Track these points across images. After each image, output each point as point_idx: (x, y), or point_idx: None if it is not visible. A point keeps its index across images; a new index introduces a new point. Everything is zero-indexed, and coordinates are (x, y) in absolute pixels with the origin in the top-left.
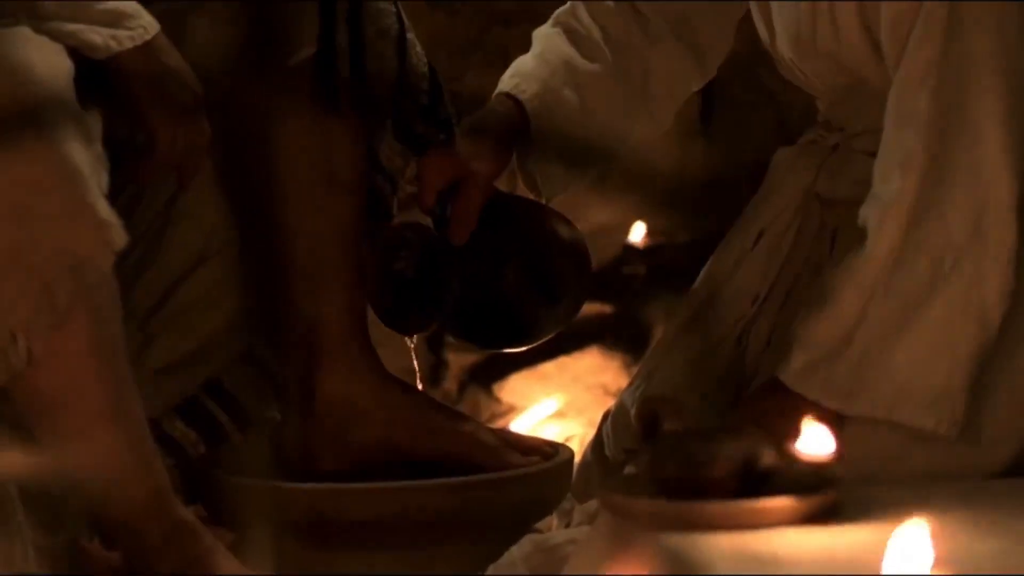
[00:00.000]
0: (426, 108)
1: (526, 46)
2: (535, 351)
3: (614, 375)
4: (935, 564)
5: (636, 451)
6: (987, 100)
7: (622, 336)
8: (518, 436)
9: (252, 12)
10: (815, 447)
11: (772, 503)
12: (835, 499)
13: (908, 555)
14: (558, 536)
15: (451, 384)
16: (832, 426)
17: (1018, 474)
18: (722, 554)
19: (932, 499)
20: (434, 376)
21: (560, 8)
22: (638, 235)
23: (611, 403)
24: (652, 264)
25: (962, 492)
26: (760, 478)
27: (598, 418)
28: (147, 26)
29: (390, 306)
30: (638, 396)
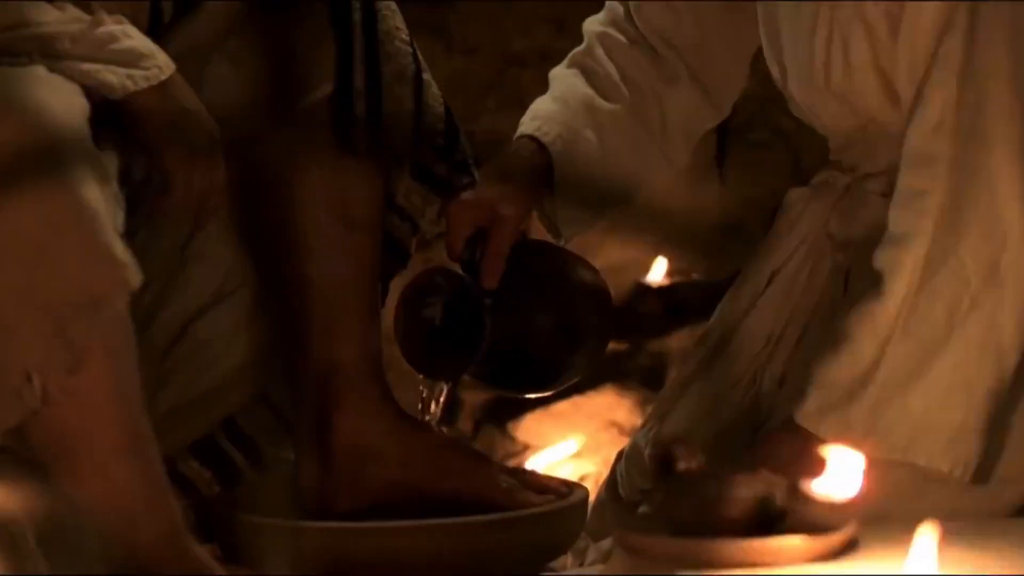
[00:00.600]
0: (442, 149)
1: (541, 88)
2: None
3: (628, 414)
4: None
5: (650, 491)
6: (1002, 143)
7: (636, 375)
8: (533, 475)
9: (268, 52)
10: (840, 483)
11: (786, 542)
12: (849, 538)
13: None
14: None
15: (466, 423)
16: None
17: None
18: None
19: (946, 537)
20: (449, 415)
21: (575, 49)
22: (659, 271)
23: (626, 442)
24: (667, 303)
25: (975, 531)
26: (775, 518)
27: (612, 457)
28: (163, 66)
29: (420, 352)
30: (652, 436)
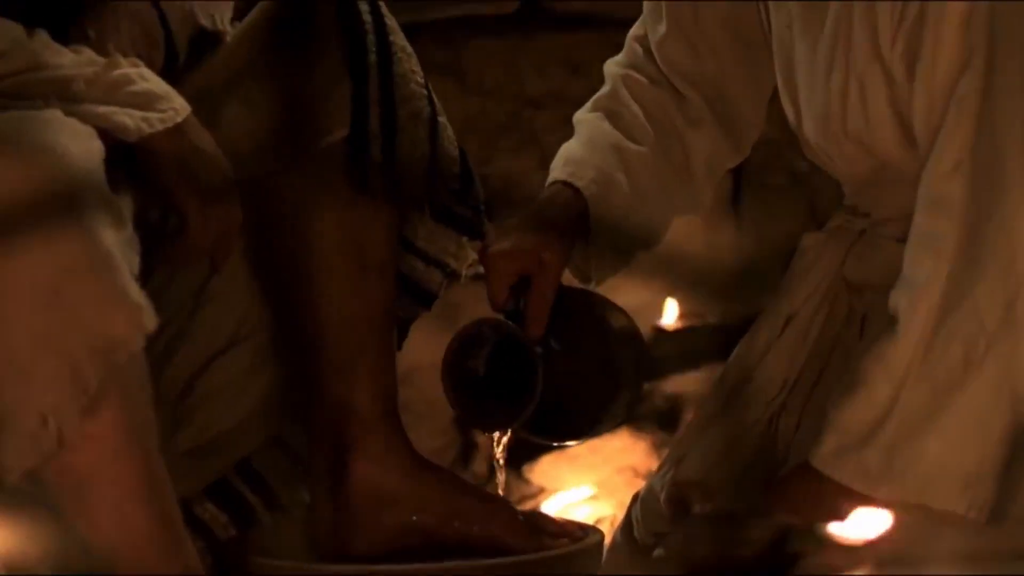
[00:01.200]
0: (457, 192)
1: (556, 130)
2: None
3: (644, 457)
4: None
5: (666, 534)
6: (1018, 185)
7: (652, 418)
8: (548, 518)
9: (284, 94)
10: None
11: None
12: None
13: None
14: None
15: (481, 465)
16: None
17: None
18: None
19: None
20: (464, 457)
21: (598, 93)
22: (672, 315)
23: (641, 485)
24: (682, 346)
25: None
26: (790, 561)
27: (628, 500)
28: (178, 108)
29: (471, 403)
30: (668, 479)
